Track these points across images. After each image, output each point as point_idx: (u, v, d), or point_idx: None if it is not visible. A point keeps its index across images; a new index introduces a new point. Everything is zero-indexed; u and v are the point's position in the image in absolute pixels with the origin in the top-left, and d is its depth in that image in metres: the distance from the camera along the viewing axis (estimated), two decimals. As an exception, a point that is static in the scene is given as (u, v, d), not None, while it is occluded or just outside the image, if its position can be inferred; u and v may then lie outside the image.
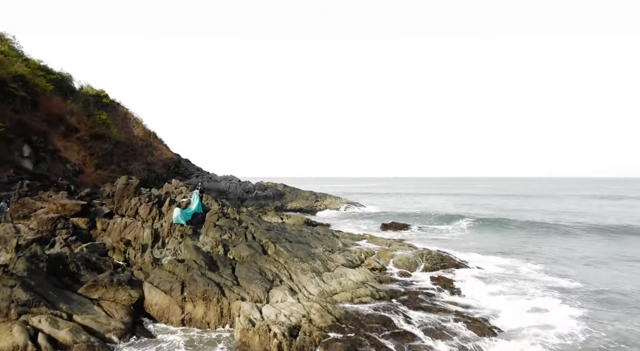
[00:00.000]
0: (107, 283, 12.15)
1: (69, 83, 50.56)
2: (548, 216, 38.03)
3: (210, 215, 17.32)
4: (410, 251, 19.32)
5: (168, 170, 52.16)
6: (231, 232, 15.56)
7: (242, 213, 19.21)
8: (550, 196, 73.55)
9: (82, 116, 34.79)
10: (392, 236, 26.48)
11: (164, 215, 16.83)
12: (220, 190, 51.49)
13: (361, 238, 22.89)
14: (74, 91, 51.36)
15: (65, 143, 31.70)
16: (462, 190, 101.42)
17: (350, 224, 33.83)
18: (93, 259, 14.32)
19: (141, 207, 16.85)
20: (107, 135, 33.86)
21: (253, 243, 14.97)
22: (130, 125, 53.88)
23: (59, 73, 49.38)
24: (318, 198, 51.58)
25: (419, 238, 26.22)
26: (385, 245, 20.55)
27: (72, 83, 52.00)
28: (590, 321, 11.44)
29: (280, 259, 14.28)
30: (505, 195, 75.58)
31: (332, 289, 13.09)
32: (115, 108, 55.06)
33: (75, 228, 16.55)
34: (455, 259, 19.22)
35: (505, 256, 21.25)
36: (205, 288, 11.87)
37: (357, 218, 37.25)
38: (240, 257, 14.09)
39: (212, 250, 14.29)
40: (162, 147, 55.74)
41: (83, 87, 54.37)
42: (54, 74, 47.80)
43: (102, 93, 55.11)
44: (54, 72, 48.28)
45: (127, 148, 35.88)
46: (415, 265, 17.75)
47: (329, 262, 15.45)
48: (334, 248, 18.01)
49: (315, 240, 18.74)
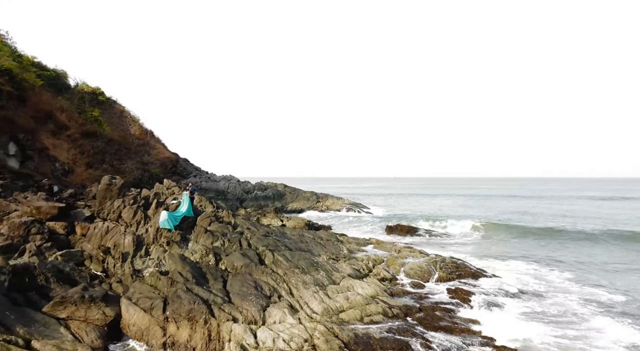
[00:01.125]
0: (78, 299, 10.39)
1: (63, 80, 48.96)
2: (560, 219, 36.22)
3: (201, 219, 15.54)
4: (422, 258, 17.53)
5: (165, 169, 50.41)
6: (224, 238, 13.79)
7: (237, 216, 17.44)
8: (557, 197, 71.41)
9: (73, 113, 33.04)
10: (399, 240, 24.71)
11: (150, 219, 15.06)
12: (219, 191, 49.76)
13: (367, 243, 21.11)
14: (69, 88, 49.79)
15: (54, 141, 29.92)
16: (466, 191, 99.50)
17: (354, 226, 32.05)
18: (67, 270, 12.56)
19: (125, 210, 15.08)
20: (99, 132, 32.18)
21: (248, 251, 13.18)
22: (126, 123, 52.14)
23: (53, 69, 47.70)
24: (319, 198, 49.81)
25: (429, 243, 24.45)
26: (394, 251, 18.76)
27: (67, 80, 50.42)
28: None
29: (279, 270, 12.49)
30: (511, 196, 73.48)
31: (338, 306, 11.31)
32: (112, 106, 53.35)
33: (52, 233, 14.78)
34: (472, 267, 17.43)
35: (526, 262, 19.44)
36: (190, 306, 10.09)
37: (361, 220, 35.46)
38: (233, 268, 12.31)
39: (202, 259, 12.51)
40: (159, 146, 53.98)
41: (78, 84, 52.80)
42: (48, 70, 46.18)
43: (98, 91, 53.42)
44: (48, 68, 46.63)
45: (120, 147, 34.16)
46: (428, 274, 15.96)
47: (334, 272, 13.67)
48: (339, 256, 16.23)
49: (318, 246, 16.96)
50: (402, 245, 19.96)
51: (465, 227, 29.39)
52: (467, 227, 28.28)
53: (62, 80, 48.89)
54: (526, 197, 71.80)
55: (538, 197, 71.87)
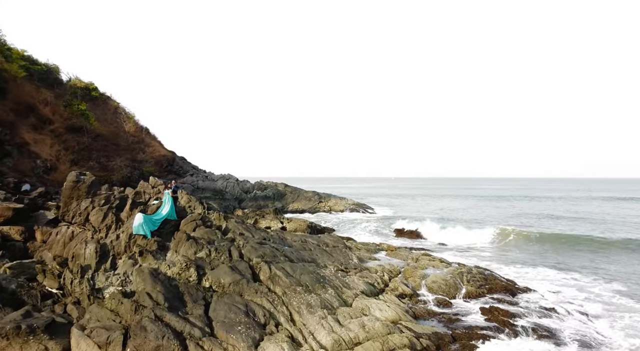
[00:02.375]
0: (11, 331, 7.82)
1: (55, 74, 46.62)
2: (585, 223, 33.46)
3: (185, 223, 12.94)
4: (444, 269, 14.90)
5: (161, 168, 47.93)
6: (210, 247, 11.18)
7: (230, 219, 14.83)
8: (569, 198, 68.18)
9: (58, 106, 30.53)
10: (411, 245, 22.09)
11: (124, 222, 12.47)
12: (216, 190, 47.20)
13: (378, 249, 18.48)
14: (61, 83, 47.58)
15: (36, 136, 27.42)
16: (471, 192, 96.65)
17: (359, 229, 29.41)
18: (12, 287, 9.98)
19: (93, 212, 12.49)
20: (86, 127, 29.63)
21: (240, 264, 10.58)
22: (120, 120, 49.74)
23: (45, 64, 45.37)
24: (322, 198, 47.19)
25: (445, 248, 21.76)
26: (410, 260, 16.13)
27: (59, 75, 48.09)
28: None
29: (276, 288, 9.89)
30: (522, 197, 70.32)
31: (352, 336, 8.70)
32: (105, 102, 50.97)
33: (5, 239, 12.23)
34: (501, 278, 14.81)
35: (562, 272, 16.83)
36: (158, 342, 7.51)
37: (367, 222, 32.81)
38: (219, 286, 9.71)
39: (181, 274, 9.90)
40: (155, 144, 51.49)
41: (71, 79, 50.46)
42: (39, 64, 43.88)
43: (91, 86, 51.00)
44: (39, 62, 44.32)
45: (108, 143, 31.59)
46: (454, 288, 13.33)
47: (344, 288, 11.06)
48: (349, 266, 13.62)
49: (323, 254, 14.35)
50: (419, 253, 17.32)
51: (482, 230, 26.70)
52: (489, 233, 25.03)
53: (54, 74, 46.53)
54: (537, 198, 68.43)
55: (550, 198, 68.65)
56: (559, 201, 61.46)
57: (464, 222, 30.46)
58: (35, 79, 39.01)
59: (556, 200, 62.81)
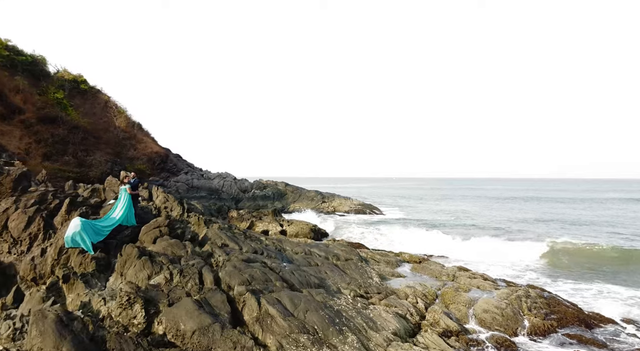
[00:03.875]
0: None
1: (42, 66, 43.17)
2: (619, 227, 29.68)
3: (147, 230, 9.26)
4: (494, 290, 11.19)
5: (153, 165, 44.34)
6: (174, 267, 7.50)
7: (211, 225, 11.13)
8: (591, 200, 63.41)
9: (31, 94, 26.94)
10: (434, 253, 18.33)
11: (57, 230, 8.79)
12: (212, 189, 43.53)
13: (399, 260, 14.71)
14: (48, 75, 44.13)
15: (4, 127, 23.83)
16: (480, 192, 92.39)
17: (369, 233, 25.62)
18: None
19: (14, 216, 8.80)
20: (61, 117, 26.04)
21: (214, 295, 6.87)
22: (110, 114, 46.18)
23: (30, 55, 41.87)
24: (325, 198, 43.46)
25: (476, 260, 17.87)
26: (445, 276, 12.39)
27: (46, 66, 44.65)
28: None
29: (268, 339, 6.18)
30: (538, 199, 65.59)
31: None
32: (95, 96, 47.43)
33: None
34: (566, 303, 11.09)
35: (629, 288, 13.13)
36: None
37: (376, 225, 29.07)
38: (177, 335, 6.03)
39: (118, 316, 6.22)
40: (147, 140, 47.88)
41: (59, 71, 46.99)
42: (24, 55, 40.41)
43: (80, 78, 47.44)
44: (24, 53, 40.82)
45: (87, 135, 27.93)
46: (514, 321, 9.62)
47: (370, 331, 7.35)
48: (369, 289, 9.91)
49: (334, 271, 10.64)
50: (454, 267, 13.56)
51: (509, 237, 22.83)
52: (536, 249, 18.58)
53: (41, 66, 43.13)
54: (558, 200, 62.02)
55: (573, 200, 62.76)
56: (587, 203, 55.89)
57: (491, 230, 26.40)
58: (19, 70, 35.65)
59: (584, 202, 57.07)
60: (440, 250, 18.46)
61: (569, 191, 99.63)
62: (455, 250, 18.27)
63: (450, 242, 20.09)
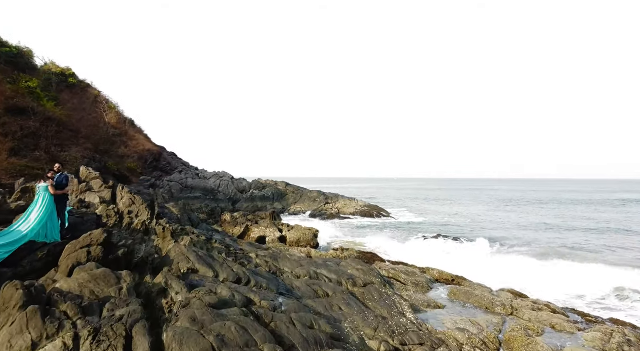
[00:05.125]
0: None
1: (28, 58, 40.18)
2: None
3: (71, 251, 6.02)
4: (577, 332, 7.93)
5: (145, 163, 41.22)
6: (84, 325, 4.29)
7: (181, 238, 7.86)
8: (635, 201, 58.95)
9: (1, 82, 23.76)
10: (458, 266, 15.01)
11: None
12: (207, 189, 40.31)
13: (429, 279, 11.36)
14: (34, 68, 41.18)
15: (-36, 118, 20.69)
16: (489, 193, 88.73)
17: (380, 238, 22.27)
18: None
19: None
20: (33, 109, 22.87)
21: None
22: (100, 109, 43.09)
23: (16, 47, 38.89)
24: (328, 199, 40.15)
25: (518, 279, 14.36)
26: (500, 307, 9.07)
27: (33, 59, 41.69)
28: None
29: None
30: (558, 201, 61.45)
31: None
32: (85, 90, 44.40)
33: None
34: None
35: None
36: None
37: (386, 229, 25.77)
38: None
39: None
40: (139, 137, 44.74)
41: (47, 63, 44.06)
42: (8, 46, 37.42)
43: (68, 72, 44.43)
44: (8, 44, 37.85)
45: (63, 128, 24.69)
46: (626, 387, 6.39)
47: None
48: (405, 337, 6.61)
49: (351, 305, 7.36)
50: (507, 294, 10.22)
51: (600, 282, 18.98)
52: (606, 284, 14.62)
53: (26, 58, 40.14)
54: (593, 203, 54.77)
55: (608, 202, 56.41)
56: (629, 206, 48.83)
57: (525, 237, 22.68)
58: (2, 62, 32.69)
59: (625, 205, 50.35)
60: (468, 263, 15.04)
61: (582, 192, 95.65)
62: (487, 265, 14.77)
63: (480, 254, 16.66)
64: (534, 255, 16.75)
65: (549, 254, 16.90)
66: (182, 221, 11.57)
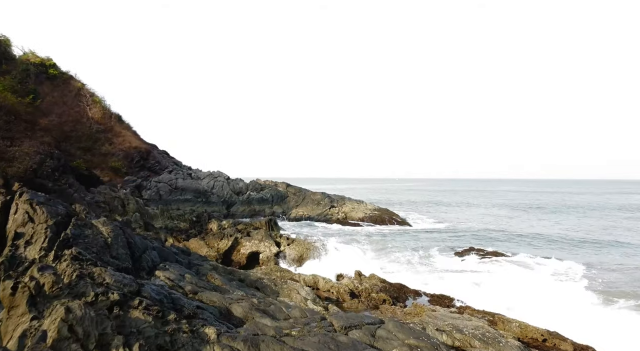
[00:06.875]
0: None
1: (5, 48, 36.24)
2: None
3: None
4: None
5: (131, 162, 36.98)
6: None
7: (54, 307, 3.50)
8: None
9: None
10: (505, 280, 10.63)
11: None
12: (199, 191, 35.99)
13: (495, 336, 7.09)
14: (12, 58, 37.34)
15: None
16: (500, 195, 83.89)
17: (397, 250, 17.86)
18: None
19: None
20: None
21: None
22: (84, 103, 38.94)
23: (-9, 35, 35.23)
24: (334, 202, 35.71)
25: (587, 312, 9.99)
26: None
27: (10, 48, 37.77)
28: None
29: None
30: (586, 207, 56.38)
31: None
32: (67, 82, 40.21)
33: None
34: None
35: None
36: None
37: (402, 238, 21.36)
38: None
39: None
40: (126, 134, 40.42)
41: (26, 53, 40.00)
42: (-20, 35, 33.70)
43: (49, 62, 40.27)
44: (-18, 33, 34.12)
45: (13, 118, 20.31)
46: None
47: None
48: None
49: None
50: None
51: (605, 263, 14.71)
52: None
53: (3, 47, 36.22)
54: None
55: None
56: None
57: (549, 242, 17.67)
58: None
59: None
60: (542, 301, 10.23)
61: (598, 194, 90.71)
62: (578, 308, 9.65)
63: (554, 284, 11.91)
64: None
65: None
66: (114, 249, 7.16)
